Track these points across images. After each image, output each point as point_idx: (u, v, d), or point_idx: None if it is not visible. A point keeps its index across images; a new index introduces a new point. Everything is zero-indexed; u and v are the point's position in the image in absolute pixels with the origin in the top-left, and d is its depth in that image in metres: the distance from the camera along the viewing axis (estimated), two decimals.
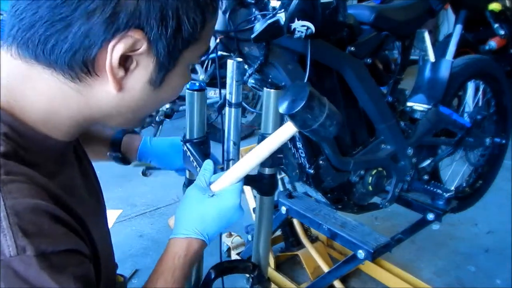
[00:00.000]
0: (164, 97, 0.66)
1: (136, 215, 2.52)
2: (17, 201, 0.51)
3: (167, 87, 0.63)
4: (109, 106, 0.61)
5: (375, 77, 1.47)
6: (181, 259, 0.75)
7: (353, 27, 1.40)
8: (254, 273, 1.02)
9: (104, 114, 0.63)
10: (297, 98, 0.73)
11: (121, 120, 0.66)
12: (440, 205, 1.63)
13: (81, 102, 0.60)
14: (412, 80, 1.84)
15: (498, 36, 2.86)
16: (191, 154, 0.93)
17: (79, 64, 0.56)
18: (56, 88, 0.58)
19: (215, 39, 1.17)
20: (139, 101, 0.62)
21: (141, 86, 0.61)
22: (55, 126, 0.61)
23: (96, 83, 0.58)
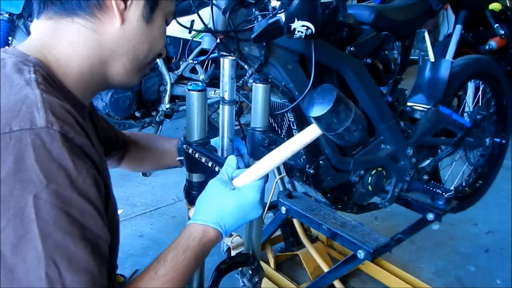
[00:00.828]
0: (153, 36, 0.79)
1: (136, 215, 2.52)
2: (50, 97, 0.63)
3: (155, 25, 0.78)
4: (115, 40, 0.75)
5: (375, 77, 1.47)
6: (195, 240, 0.77)
7: (353, 27, 1.40)
8: (254, 265, 1.03)
9: (112, 50, 0.75)
10: (324, 102, 0.74)
11: (125, 60, 0.77)
12: (440, 205, 1.63)
13: (95, 39, 0.74)
14: (412, 80, 1.84)
15: (498, 36, 2.87)
16: (203, 155, 0.92)
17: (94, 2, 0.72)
18: (77, 32, 0.73)
19: (216, 39, 1.17)
20: (136, 35, 0.76)
21: (137, 19, 0.76)
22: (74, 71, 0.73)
23: (105, 18, 0.73)
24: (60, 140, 0.59)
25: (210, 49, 1.18)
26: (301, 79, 1.26)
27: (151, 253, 2.16)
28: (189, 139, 0.95)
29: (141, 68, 0.82)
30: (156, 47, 0.81)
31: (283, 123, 1.40)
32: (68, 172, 0.59)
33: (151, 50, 0.80)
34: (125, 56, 0.77)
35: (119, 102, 2.58)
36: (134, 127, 2.81)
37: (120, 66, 0.78)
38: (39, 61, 0.70)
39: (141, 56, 0.79)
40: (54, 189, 0.57)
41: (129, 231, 2.36)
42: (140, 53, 0.79)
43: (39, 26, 0.75)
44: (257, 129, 1.00)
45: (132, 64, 0.79)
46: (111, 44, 0.75)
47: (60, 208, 0.57)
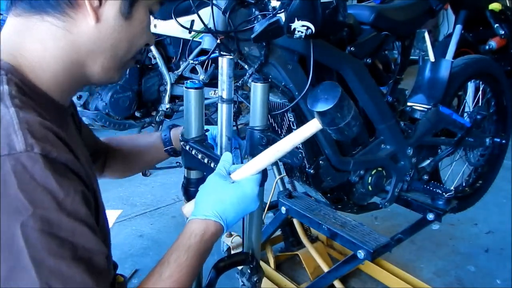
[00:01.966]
0: (134, 32, 0.74)
1: (136, 215, 2.53)
2: (27, 115, 0.59)
3: (135, 21, 0.73)
4: (91, 40, 0.70)
5: (375, 77, 1.47)
6: (197, 237, 0.76)
7: (353, 27, 1.40)
8: (252, 264, 1.03)
9: (87, 50, 0.71)
10: (329, 97, 0.77)
11: (103, 60, 0.73)
12: (440, 205, 1.63)
13: (69, 39, 0.69)
14: (412, 80, 1.84)
15: (498, 36, 2.87)
16: (199, 152, 0.94)
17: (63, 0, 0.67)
18: (47, 32, 0.68)
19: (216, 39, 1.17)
20: (114, 33, 0.71)
21: (114, 15, 0.70)
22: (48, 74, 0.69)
23: (78, 16, 0.68)
24: (42, 163, 0.56)
25: (210, 49, 1.18)
26: (301, 79, 1.26)
27: (151, 253, 2.16)
28: (186, 136, 0.96)
29: (123, 65, 0.78)
30: (138, 42, 0.77)
31: (283, 123, 1.40)
32: (54, 194, 0.57)
33: (132, 46, 0.76)
34: (102, 55, 0.72)
35: (119, 102, 2.58)
36: (134, 127, 2.81)
37: (98, 65, 0.73)
38: (10, 66, 0.65)
39: (121, 54, 0.75)
40: (40, 215, 0.55)
41: (129, 231, 2.36)
42: (119, 51, 0.74)
43: (9, 23, 0.70)
44: (256, 128, 1.01)
45: (111, 63, 0.74)
46: (86, 43, 0.70)
47: (49, 232, 0.55)
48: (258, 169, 0.83)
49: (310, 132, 0.82)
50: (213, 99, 2.86)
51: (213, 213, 0.78)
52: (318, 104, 0.77)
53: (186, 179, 1.00)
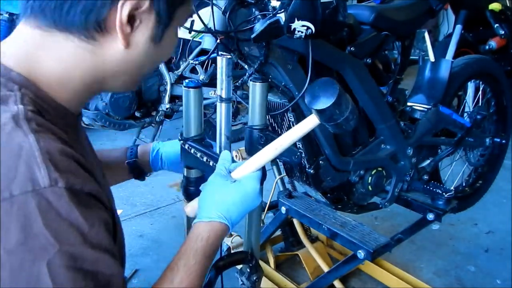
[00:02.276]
0: (162, 53, 0.72)
1: (136, 215, 2.52)
2: (47, 142, 0.56)
3: (165, 44, 0.70)
4: (117, 63, 0.67)
5: (375, 77, 1.47)
6: (203, 240, 0.76)
7: (353, 27, 1.40)
8: (252, 262, 1.04)
9: (113, 72, 0.68)
10: (327, 95, 0.78)
11: (126, 78, 0.71)
12: (440, 205, 1.63)
13: (93, 61, 0.65)
14: (412, 80, 1.84)
15: (498, 36, 2.87)
16: (198, 150, 0.94)
17: (93, 24, 0.62)
18: (71, 52, 0.64)
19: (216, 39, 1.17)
20: (142, 57, 0.68)
21: (144, 42, 0.67)
22: (67, 90, 0.66)
23: (106, 41, 0.64)
24: (67, 197, 0.54)
25: (210, 49, 1.18)
26: (301, 79, 1.26)
27: (151, 253, 2.16)
28: (186, 135, 0.97)
29: (142, 79, 0.76)
30: (163, 59, 0.76)
31: (283, 123, 1.40)
32: (79, 228, 0.55)
33: (156, 65, 0.75)
34: (126, 75, 0.70)
35: (119, 102, 2.58)
36: (134, 127, 2.81)
37: (120, 83, 0.71)
38: (23, 78, 0.62)
39: (144, 72, 0.73)
40: (66, 251, 0.53)
41: (129, 231, 2.36)
42: (143, 71, 0.73)
43: (25, 32, 0.64)
44: (255, 127, 1.01)
45: (132, 80, 0.73)
46: (112, 66, 0.67)
47: (74, 268, 0.54)
48: (258, 166, 0.84)
49: (308, 128, 0.83)
50: (213, 99, 2.85)
51: (217, 214, 0.78)
52: (316, 102, 0.79)
53: (186, 178, 1.00)
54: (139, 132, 3.14)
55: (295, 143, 1.37)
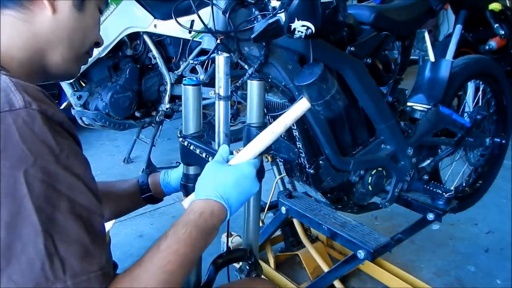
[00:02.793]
0: (88, 23, 0.80)
1: (136, 215, 2.52)
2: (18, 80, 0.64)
3: (87, 14, 0.80)
4: (49, 30, 0.75)
5: (375, 77, 1.47)
6: (196, 214, 0.76)
7: (353, 27, 1.40)
8: (251, 260, 1.04)
9: (47, 40, 0.76)
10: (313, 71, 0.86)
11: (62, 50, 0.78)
12: (440, 205, 1.63)
13: (29, 30, 0.74)
14: (412, 80, 1.84)
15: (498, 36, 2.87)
16: (197, 147, 0.95)
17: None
18: (10, 25, 0.73)
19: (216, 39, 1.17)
20: (69, 23, 0.77)
21: (68, 8, 0.76)
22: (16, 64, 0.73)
23: (36, 8, 0.74)
24: (40, 119, 0.60)
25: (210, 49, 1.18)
26: None
27: None
28: (185, 132, 0.97)
29: (79, 58, 0.82)
30: (91, 35, 0.83)
31: None
32: (51, 148, 0.60)
33: (86, 38, 0.81)
34: (61, 45, 0.77)
35: (119, 102, 2.58)
36: (134, 127, 2.81)
37: (57, 55, 0.78)
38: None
39: (77, 45, 0.80)
40: (41, 165, 0.59)
41: (129, 231, 2.36)
42: (75, 42, 0.79)
43: None
44: (253, 125, 1.02)
45: (69, 53, 0.79)
46: (45, 33, 0.75)
47: (48, 183, 0.59)
48: (255, 154, 0.86)
49: (300, 110, 0.85)
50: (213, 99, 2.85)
51: (214, 194, 0.79)
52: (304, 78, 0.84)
53: (185, 175, 1.01)
54: (139, 132, 3.14)
55: (295, 143, 1.38)
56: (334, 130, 1.40)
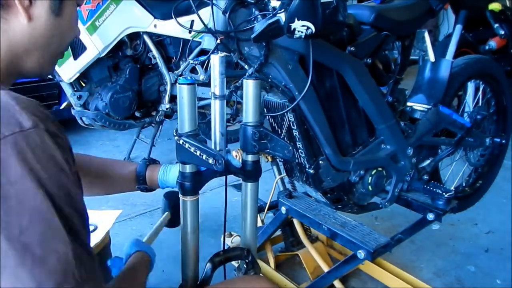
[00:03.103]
0: (66, 26, 0.77)
1: (136, 215, 2.52)
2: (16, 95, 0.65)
3: (65, 17, 0.76)
4: (25, 38, 0.73)
5: (375, 77, 1.47)
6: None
7: (353, 27, 1.40)
8: (248, 258, 1.05)
9: (24, 48, 0.73)
10: None
11: (39, 55, 0.76)
12: (440, 205, 1.63)
13: (5, 39, 0.71)
14: (412, 80, 1.83)
15: (498, 36, 2.87)
16: (192, 145, 0.95)
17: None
18: None
19: (216, 39, 1.17)
20: (47, 30, 0.74)
21: (45, 14, 0.73)
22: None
23: (11, 16, 0.70)
24: (48, 138, 0.63)
25: (210, 49, 1.18)
26: (301, 79, 1.26)
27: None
28: (180, 131, 0.98)
29: (55, 58, 0.81)
30: (69, 35, 0.81)
31: (283, 123, 1.40)
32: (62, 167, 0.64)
33: (63, 40, 0.80)
34: (37, 51, 0.75)
35: (119, 102, 2.58)
36: (134, 127, 2.81)
37: (34, 60, 0.76)
38: None
39: (54, 48, 0.78)
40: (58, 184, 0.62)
41: (129, 231, 2.36)
42: (53, 46, 0.77)
43: None
44: (249, 124, 1.02)
45: (45, 57, 0.78)
46: (21, 41, 0.73)
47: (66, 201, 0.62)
48: None
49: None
50: None
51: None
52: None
53: (181, 174, 1.01)
54: (139, 132, 3.14)
55: (295, 143, 1.38)
56: (334, 130, 1.40)
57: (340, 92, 1.41)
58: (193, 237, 1.04)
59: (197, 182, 1.02)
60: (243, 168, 1.05)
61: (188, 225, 1.03)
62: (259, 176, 1.07)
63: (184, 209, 1.02)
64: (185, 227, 1.03)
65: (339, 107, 1.42)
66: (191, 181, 1.00)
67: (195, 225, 1.03)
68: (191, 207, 1.02)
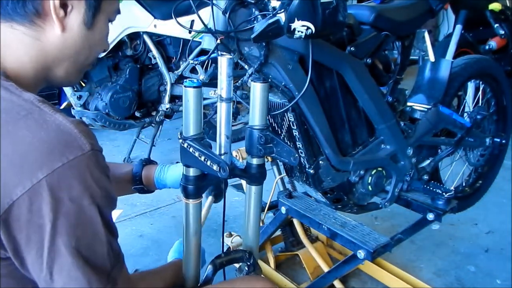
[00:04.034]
0: (96, 39, 0.81)
1: (136, 215, 2.52)
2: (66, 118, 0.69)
3: (97, 30, 0.80)
4: (58, 48, 0.76)
5: (375, 77, 1.47)
6: None
7: (353, 27, 1.40)
8: (250, 261, 1.05)
9: (55, 57, 0.77)
10: None
11: (68, 64, 0.79)
12: (440, 205, 1.63)
13: (38, 47, 0.74)
14: (412, 80, 1.83)
15: (498, 36, 2.87)
16: (196, 150, 0.95)
17: (31, 9, 0.71)
18: (19, 40, 0.73)
19: (216, 39, 1.17)
20: (78, 41, 0.77)
21: (78, 26, 0.76)
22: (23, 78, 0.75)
23: (46, 25, 0.73)
24: (102, 157, 0.71)
25: (210, 49, 1.18)
26: (301, 79, 1.26)
27: (151, 253, 2.16)
28: (185, 134, 0.97)
29: (82, 69, 0.84)
30: (98, 49, 0.84)
31: (283, 123, 1.40)
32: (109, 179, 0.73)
33: (92, 52, 0.83)
34: (66, 61, 0.78)
35: (119, 102, 2.58)
36: (134, 127, 2.81)
37: (62, 70, 0.79)
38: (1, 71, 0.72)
39: (83, 59, 0.81)
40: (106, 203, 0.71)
41: (129, 231, 2.36)
42: (82, 58, 0.80)
43: None
44: (255, 128, 1.01)
45: (73, 68, 0.81)
46: (53, 51, 0.76)
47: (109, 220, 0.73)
48: None
49: None
50: (213, 99, 2.85)
51: None
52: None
53: (184, 176, 1.01)
54: (139, 132, 3.14)
55: (295, 143, 1.38)
56: (334, 130, 1.41)
57: (340, 92, 1.41)
58: (195, 240, 1.03)
59: (201, 186, 1.01)
60: (248, 172, 1.03)
61: (190, 228, 1.02)
62: (264, 180, 1.06)
63: (186, 212, 1.01)
64: (187, 229, 1.02)
65: (339, 107, 1.42)
66: (195, 185, 1.00)
67: (197, 228, 1.03)
68: (194, 210, 1.01)
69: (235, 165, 1.02)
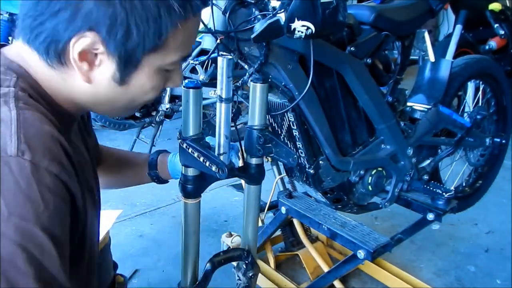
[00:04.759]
0: (135, 93, 0.72)
1: (136, 215, 2.52)
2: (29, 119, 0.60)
3: (135, 86, 0.70)
4: (87, 95, 0.70)
5: (375, 77, 1.47)
6: None
7: (353, 27, 1.40)
8: (248, 259, 1.05)
9: (86, 101, 0.72)
10: None
11: (106, 108, 0.74)
12: (440, 205, 1.63)
13: (67, 87, 0.69)
14: (412, 80, 1.84)
15: (498, 36, 2.87)
16: (196, 150, 0.95)
17: (54, 54, 0.65)
18: (46, 71, 0.68)
19: (216, 39, 1.17)
20: (109, 94, 0.70)
21: (107, 81, 0.68)
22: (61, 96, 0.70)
23: (73, 72, 0.67)
24: (30, 171, 0.55)
25: (210, 49, 1.18)
26: (301, 79, 1.26)
27: (151, 253, 2.16)
28: (184, 134, 0.97)
29: (128, 111, 0.79)
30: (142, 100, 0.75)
31: (283, 123, 1.40)
32: (34, 205, 0.55)
33: (135, 102, 0.75)
34: (102, 106, 0.73)
35: None
36: (134, 127, 2.80)
37: (104, 110, 0.75)
38: (24, 71, 0.66)
39: (122, 106, 0.75)
40: (15, 223, 0.53)
41: (129, 231, 2.36)
42: (120, 105, 0.74)
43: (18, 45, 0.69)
44: (255, 128, 1.01)
45: (115, 111, 0.76)
46: (85, 97, 0.70)
47: (19, 244, 0.53)
48: None
49: None
50: (213, 99, 2.85)
51: None
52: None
53: (184, 176, 1.01)
54: (139, 132, 3.13)
55: (295, 143, 1.38)
56: (334, 130, 1.41)
57: (340, 92, 1.41)
58: (194, 239, 1.04)
59: (200, 185, 1.01)
60: (247, 171, 1.04)
61: (189, 227, 1.02)
62: (262, 179, 1.06)
63: (185, 211, 1.01)
64: (186, 229, 1.02)
65: (339, 107, 1.42)
66: (194, 184, 1.00)
67: (196, 227, 1.03)
68: (193, 209, 1.01)
69: (233, 165, 1.02)
